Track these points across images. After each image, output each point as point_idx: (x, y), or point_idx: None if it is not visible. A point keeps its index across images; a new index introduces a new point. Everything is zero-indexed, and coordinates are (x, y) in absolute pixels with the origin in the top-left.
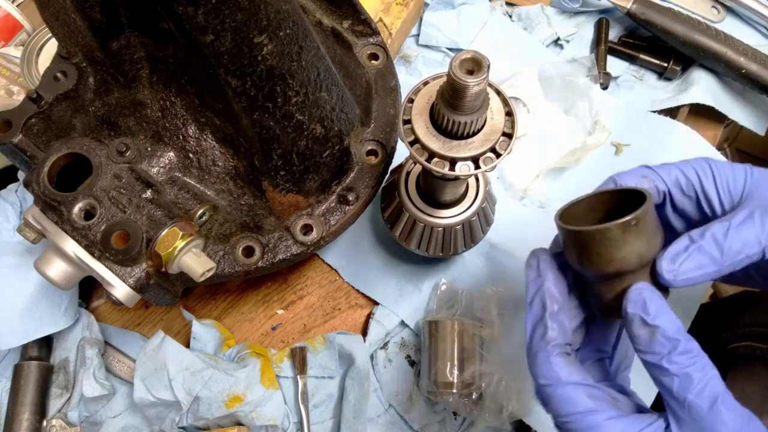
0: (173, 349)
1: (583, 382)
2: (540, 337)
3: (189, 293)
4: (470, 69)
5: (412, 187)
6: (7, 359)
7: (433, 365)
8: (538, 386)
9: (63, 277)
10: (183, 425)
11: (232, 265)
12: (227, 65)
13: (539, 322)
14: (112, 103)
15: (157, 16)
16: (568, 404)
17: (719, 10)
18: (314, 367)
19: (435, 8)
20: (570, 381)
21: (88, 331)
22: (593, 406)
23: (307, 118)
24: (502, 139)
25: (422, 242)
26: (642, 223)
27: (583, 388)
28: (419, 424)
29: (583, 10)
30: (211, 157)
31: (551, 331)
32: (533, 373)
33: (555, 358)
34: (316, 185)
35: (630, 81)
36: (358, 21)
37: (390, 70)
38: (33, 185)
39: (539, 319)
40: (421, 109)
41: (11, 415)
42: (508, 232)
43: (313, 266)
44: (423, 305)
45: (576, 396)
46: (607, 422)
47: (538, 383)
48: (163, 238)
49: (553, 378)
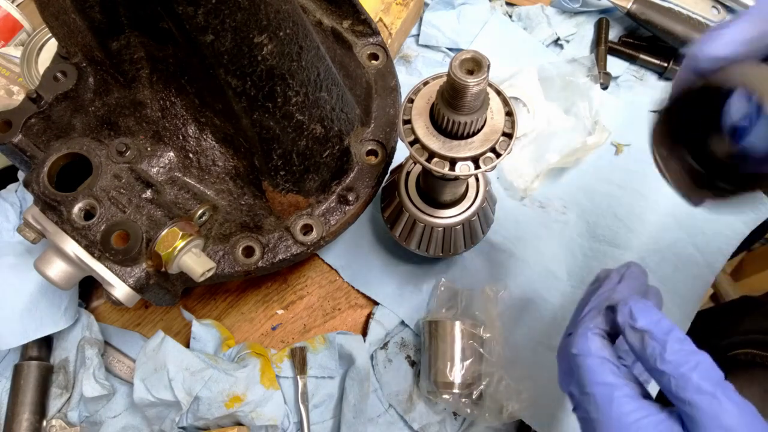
0: (173, 349)
1: (612, 360)
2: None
3: (189, 293)
4: (470, 69)
5: (412, 187)
6: (7, 359)
7: (433, 365)
8: (571, 357)
9: (63, 277)
10: (183, 425)
11: (232, 265)
12: (227, 65)
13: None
14: (112, 103)
15: (157, 16)
16: (592, 374)
17: (719, 10)
18: (314, 367)
19: (435, 8)
20: (599, 355)
21: (88, 331)
22: (614, 381)
23: (307, 118)
24: (502, 139)
25: (422, 242)
26: None
27: (611, 365)
28: (419, 424)
29: (583, 10)
30: (211, 157)
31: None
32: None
33: (593, 335)
34: (316, 185)
35: (630, 81)
36: (358, 21)
37: (390, 70)
38: (33, 185)
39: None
40: (421, 109)
41: (11, 415)
42: (508, 232)
43: (313, 266)
44: (423, 305)
45: (601, 369)
46: (624, 399)
47: (572, 353)
48: (163, 238)
49: (586, 349)
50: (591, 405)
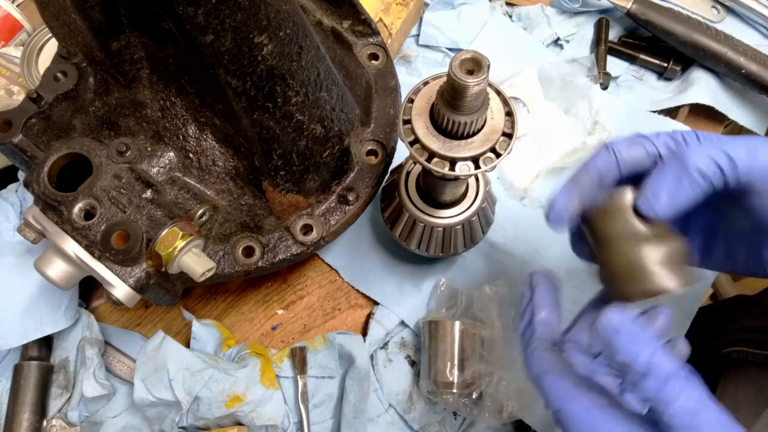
0: (173, 349)
1: (568, 372)
2: (528, 336)
3: (189, 293)
4: (470, 69)
5: (412, 187)
6: (7, 359)
7: (433, 365)
8: (530, 378)
9: (63, 277)
10: (183, 425)
11: (232, 265)
12: (227, 65)
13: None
14: (112, 103)
15: (157, 16)
16: (552, 390)
17: (719, 10)
18: (314, 367)
19: (435, 8)
20: (554, 370)
21: (88, 331)
22: (575, 392)
23: (307, 118)
24: (502, 139)
25: (422, 242)
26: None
27: (569, 376)
28: (419, 424)
29: (583, 10)
30: (211, 157)
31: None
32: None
33: (540, 352)
34: (316, 185)
35: (630, 81)
36: (358, 21)
37: (390, 70)
38: (33, 185)
39: (528, 324)
40: (421, 109)
41: (11, 415)
42: (508, 232)
43: (313, 266)
44: (423, 305)
45: (560, 383)
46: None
47: (529, 375)
48: (163, 238)
49: (539, 367)
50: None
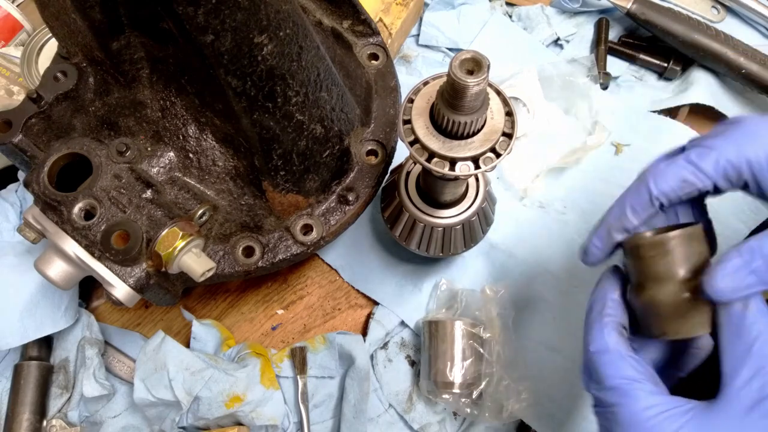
0: (173, 349)
1: (631, 354)
2: (598, 311)
3: (189, 293)
4: (470, 69)
5: (412, 187)
6: (7, 359)
7: (433, 365)
8: (588, 354)
9: (63, 277)
10: (183, 425)
11: (232, 265)
12: (227, 65)
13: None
14: (112, 103)
15: (157, 16)
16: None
17: (719, 10)
18: (314, 367)
19: (435, 8)
20: (618, 350)
21: (88, 331)
22: (635, 376)
23: (307, 118)
24: (502, 139)
25: (422, 242)
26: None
27: (630, 359)
28: (419, 424)
29: (583, 10)
30: (211, 157)
31: (609, 308)
32: (586, 342)
33: (608, 329)
34: (316, 185)
35: (630, 81)
36: (358, 21)
37: (390, 70)
38: (33, 185)
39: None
40: (421, 109)
41: (11, 415)
42: (508, 232)
43: (313, 266)
44: (423, 305)
45: (621, 364)
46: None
47: (589, 350)
48: (163, 238)
49: (603, 345)
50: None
